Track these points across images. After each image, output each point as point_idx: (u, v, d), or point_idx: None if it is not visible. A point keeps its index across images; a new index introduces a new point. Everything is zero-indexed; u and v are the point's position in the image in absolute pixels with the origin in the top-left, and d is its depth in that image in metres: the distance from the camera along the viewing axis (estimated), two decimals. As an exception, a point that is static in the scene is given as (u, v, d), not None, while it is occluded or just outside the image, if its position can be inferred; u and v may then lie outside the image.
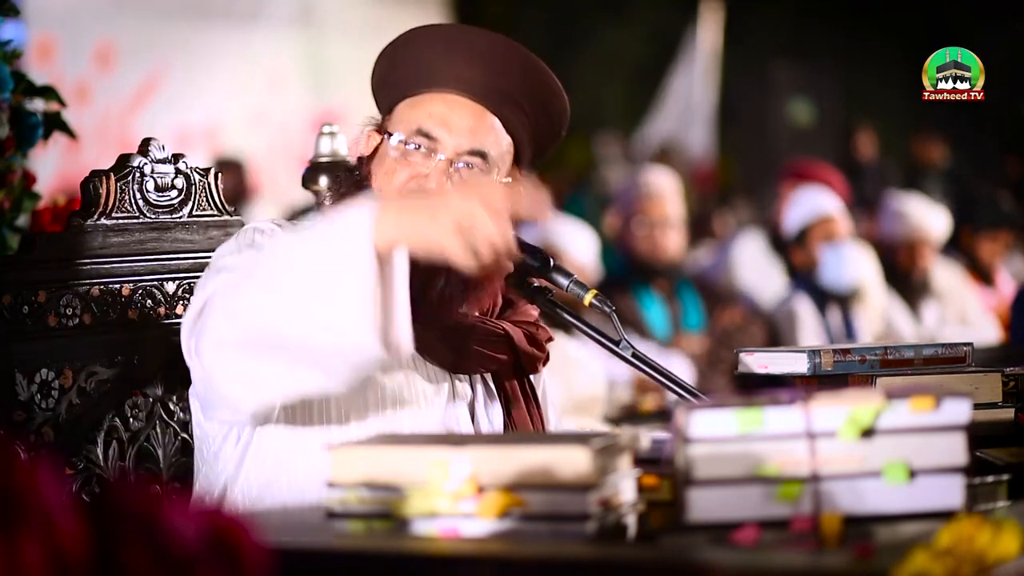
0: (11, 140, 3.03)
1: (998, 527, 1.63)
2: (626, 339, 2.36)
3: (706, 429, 1.82)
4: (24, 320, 2.38)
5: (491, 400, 2.40)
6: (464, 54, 2.38)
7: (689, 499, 1.82)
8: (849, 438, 1.81)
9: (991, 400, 2.28)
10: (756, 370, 2.35)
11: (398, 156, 2.37)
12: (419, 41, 2.43)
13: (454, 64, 2.38)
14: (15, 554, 1.29)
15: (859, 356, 2.33)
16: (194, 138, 9.57)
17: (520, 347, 2.38)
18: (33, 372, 2.39)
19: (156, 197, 2.53)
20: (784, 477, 1.81)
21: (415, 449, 1.89)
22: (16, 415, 2.35)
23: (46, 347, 2.41)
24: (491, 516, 1.79)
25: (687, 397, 2.31)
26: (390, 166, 2.37)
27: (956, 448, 1.83)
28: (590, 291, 2.36)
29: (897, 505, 1.82)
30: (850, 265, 6.02)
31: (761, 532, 1.78)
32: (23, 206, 3.11)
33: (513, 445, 1.87)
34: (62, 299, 2.42)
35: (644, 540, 1.86)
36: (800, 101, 14.56)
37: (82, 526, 1.34)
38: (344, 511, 1.84)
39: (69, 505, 1.34)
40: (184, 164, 2.57)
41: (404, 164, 2.36)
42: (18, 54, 3.08)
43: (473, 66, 2.38)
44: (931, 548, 1.61)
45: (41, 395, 2.39)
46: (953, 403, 1.83)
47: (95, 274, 2.47)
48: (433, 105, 2.38)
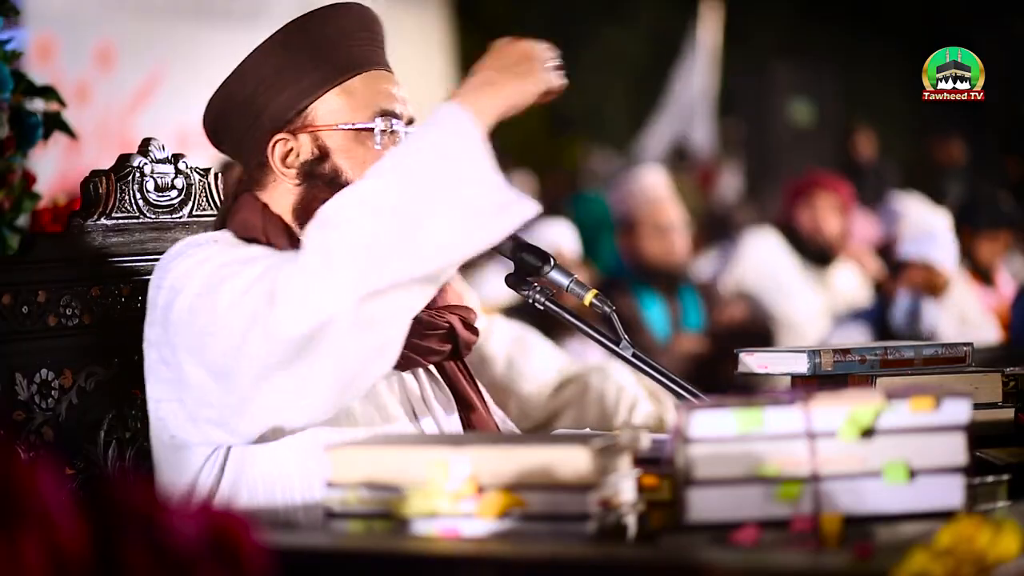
0: (11, 140, 3.03)
1: (998, 527, 1.63)
2: (626, 339, 2.36)
3: (706, 429, 1.82)
4: (24, 320, 2.38)
5: (438, 388, 2.39)
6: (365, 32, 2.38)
7: (689, 499, 1.82)
8: (849, 438, 1.81)
9: (991, 400, 2.28)
10: (756, 370, 2.35)
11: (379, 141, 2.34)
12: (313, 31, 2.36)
13: (362, 43, 2.37)
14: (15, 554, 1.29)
15: (859, 356, 2.33)
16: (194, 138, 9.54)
17: (460, 336, 2.39)
18: (33, 372, 2.39)
19: (156, 197, 2.53)
20: (784, 477, 1.81)
21: (415, 449, 1.89)
22: (16, 415, 2.35)
23: (46, 347, 2.41)
24: (491, 516, 1.79)
25: (687, 397, 2.31)
26: (371, 154, 2.33)
27: (956, 448, 1.83)
28: (590, 291, 2.36)
29: (897, 505, 1.82)
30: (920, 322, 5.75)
31: (761, 532, 1.78)
32: (23, 206, 3.11)
33: (513, 445, 1.87)
34: (62, 299, 2.43)
35: (644, 540, 1.86)
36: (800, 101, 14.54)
37: (82, 526, 1.34)
38: (344, 511, 1.84)
39: (69, 505, 1.34)
40: (184, 164, 2.57)
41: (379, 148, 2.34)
42: (18, 54, 3.08)
43: (374, 39, 2.39)
44: (931, 548, 1.61)
45: (41, 395, 2.39)
46: (953, 403, 1.83)
47: (95, 274, 2.47)
48: (379, 84, 2.37)
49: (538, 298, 2.38)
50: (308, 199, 2.33)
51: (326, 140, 2.35)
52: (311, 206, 2.29)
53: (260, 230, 2.31)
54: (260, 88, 2.35)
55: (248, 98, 2.35)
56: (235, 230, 2.34)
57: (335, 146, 2.34)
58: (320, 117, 2.34)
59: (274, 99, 2.35)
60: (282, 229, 2.32)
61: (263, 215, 2.33)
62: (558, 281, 2.37)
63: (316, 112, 2.35)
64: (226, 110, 2.38)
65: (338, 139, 2.34)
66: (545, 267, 2.37)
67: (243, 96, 2.36)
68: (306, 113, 2.35)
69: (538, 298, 2.38)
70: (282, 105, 2.35)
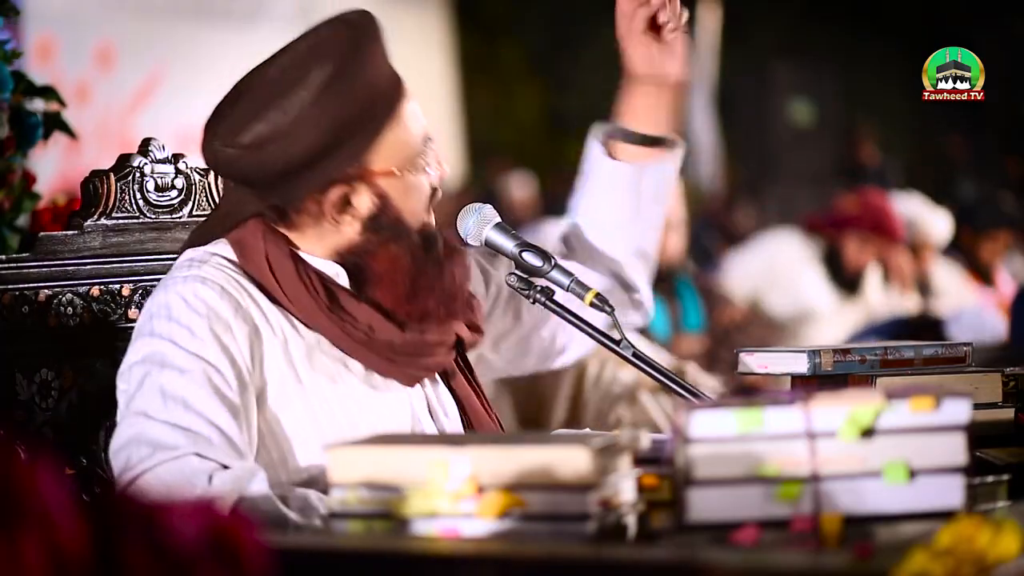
0: (11, 140, 3.03)
1: (998, 527, 1.63)
2: (627, 339, 2.36)
3: (706, 429, 1.82)
4: (24, 320, 2.38)
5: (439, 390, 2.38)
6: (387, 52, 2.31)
7: (689, 499, 1.82)
8: (849, 438, 1.81)
9: (991, 400, 2.28)
10: (756, 370, 2.35)
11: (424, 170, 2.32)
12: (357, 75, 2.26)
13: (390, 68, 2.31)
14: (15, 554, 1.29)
15: (859, 356, 2.33)
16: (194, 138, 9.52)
17: (466, 340, 2.38)
18: (33, 372, 2.39)
19: (156, 197, 2.53)
20: (784, 477, 1.81)
21: (415, 449, 1.89)
22: (16, 415, 2.35)
23: (46, 347, 2.41)
24: (491, 516, 1.79)
25: (687, 397, 2.31)
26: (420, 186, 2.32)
27: (956, 448, 1.83)
28: (590, 291, 2.36)
29: (897, 505, 1.82)
30: None
31: (761, 532, 1.78)
32: (23, 206, 3.11)
33: (513, 445, 1.87)
34: (62, 299, 2.43)
35: (644, 540, 1.86)
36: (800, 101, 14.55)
37: (82, 526, 1.34)
38: (344, 511, 1.84)
39: (69, 505, 1.34)
40: (184, 164, 2.57)
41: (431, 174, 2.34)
42: (18, 54, 3.08)
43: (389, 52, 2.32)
44: (931, 548, 1.61)
45: (41, 395, 2.39)
46: (953, 403, 1.83)
47: (95, 274, 2.47)
48: (411, 109, 2.32)
49: (539, 298, 2.38)
50: (368, 247, 2.29)
51: (384, 187, 2.28)
52: (371, 254, 2.28)
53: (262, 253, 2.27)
54: (316, 151, 2.22)
55: (303, 162, 2.23)
56: (235, 246, 2.30)
57: (393, 189, 2.28)
58: (377, 162, 2.27)
59: (337, 155, 2.24)
60: (287, 254, 2.28)
61: (268, 243, 2.28)
62: (558, 281, 2.37)
63: (373, 157, 2.27)
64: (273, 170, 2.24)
65: (396, 183, 2.29)
66: (545, 266, 2.38)
67: (296, 159, 2.23)
68: (363, 160, 2.27)
69: (539, 298, 2.38)
70: (345, 159, 2.25)
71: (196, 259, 2.29)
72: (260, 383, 2.23)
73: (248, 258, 2.28)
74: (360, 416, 2.27)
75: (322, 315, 2.26)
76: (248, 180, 2.29)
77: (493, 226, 2.42)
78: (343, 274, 2.31)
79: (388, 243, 2.29)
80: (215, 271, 2.26)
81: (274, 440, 2.24)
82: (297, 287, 2.26)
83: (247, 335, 2.23)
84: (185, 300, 2.22)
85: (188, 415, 2.16)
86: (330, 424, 2.24)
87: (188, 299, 2.22)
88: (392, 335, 2.28)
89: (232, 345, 2.21)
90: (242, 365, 2.21)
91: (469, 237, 2.42)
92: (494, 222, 2.42)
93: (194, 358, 2.19)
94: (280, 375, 2.24)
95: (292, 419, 2.25)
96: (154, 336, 2.21)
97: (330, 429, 2.23)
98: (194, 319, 2.21)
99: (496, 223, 2.42)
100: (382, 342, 2.28)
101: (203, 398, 2.17)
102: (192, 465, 2.13)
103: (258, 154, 2.23)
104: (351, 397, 2.28)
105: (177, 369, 2.18)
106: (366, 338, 2.27)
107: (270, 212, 2.29)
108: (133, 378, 2.20)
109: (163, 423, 2.15)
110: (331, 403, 2.26)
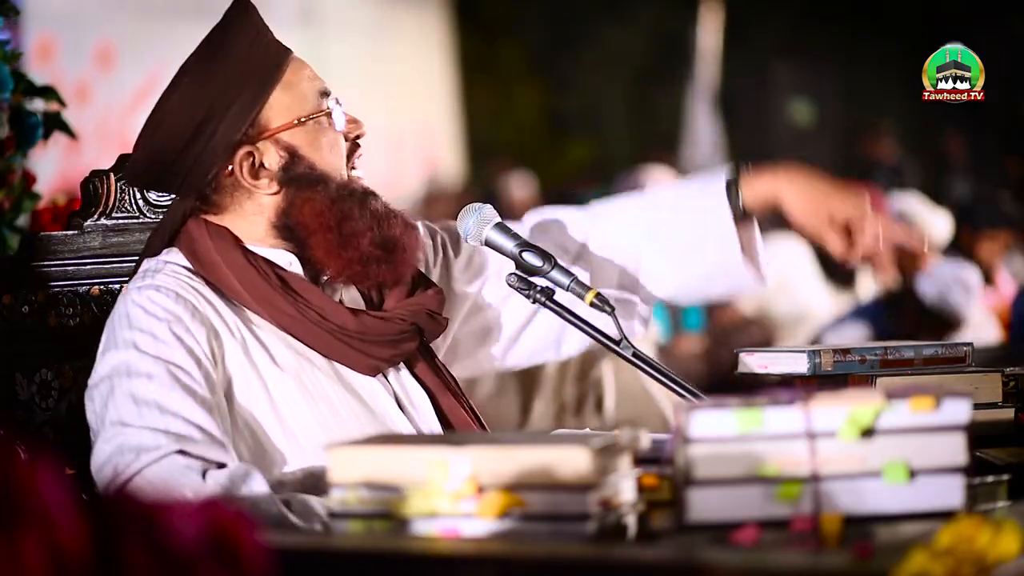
0: (11, 140, 3.03)
1: (998, 527, 1.63)
2: (626, 339, 2.36)
3: (706, 429, 1.82)
4: (24, 320, 2.38)
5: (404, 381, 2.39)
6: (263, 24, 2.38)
7: (689, 499, 1.82)
8: (849, 438, 1.81)
9: (991, 400, 2.28)
10: (756, 370, 2.35)
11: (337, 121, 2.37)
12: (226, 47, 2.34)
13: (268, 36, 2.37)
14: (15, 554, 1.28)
15: (859, 356, 2.33)
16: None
17: (427, 330, 2.39)
18: (33, 372, 2.39)
19: (156, 197, 2.53)
20: (784, 477, 1.81)
21: (415, 449, 1.89)
22: (16, 415, 2.35)
23: (46, 347, 2.41)
24: (491, 516, 1.79)
25: (687, 397, 2.31)
26: (333, 137, 2.36)
27: (956, 448, 1.83)
28: (590, 291, 2.36)
29: (897, 505, 1.82)
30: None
31: (761, 532, 1.78)
32: (23, 206, 3.11)
33: (513, 445, 1.87)
34: (62, 299, 2.43)
35: (644, 540, 1.86)
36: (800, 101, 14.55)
37: (82, 526, 1.34)
38: (344, 511, 1.84)
39: (69, 505, 1.34)
40: (184, 164, 2.56)
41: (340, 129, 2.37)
42: (18, 54, 3.08)
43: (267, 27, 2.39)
44: (931, 548, 1.61)
45: (41, 395, 2.39)
46: (953, 403, 1.83)
47: (95, 274, 2.47)
48: (303, 69, 2.37)
49: (539, 298, 2.38)
50: (291, 202, 2.32)
51: (289, 139, 2.33)
52: (296, 208, 2.31)
53: (213, 250, 2.31)
54: (202, 121, 2.30)
55: (191, 136, 2.30)
56: (185, 251, 2.33)
57: (299, 142, 2.33)
58: (274, 119, 2.33)
59: (221, 123, 2.30)
60: (233, 245, 2.32)
61: (214, 240, 2.32)
62: (559, 281, 2.37)
63: (267, 117, 2.33)
64: (166, 156, 2.32)
65: (299, 134, 2.33)
66: (546, 266, 2.38)
67: (182, 136, 2.30)
68: (258, 122, 2.32)
69: (539, 298, 2.38)
70: (232, 125, 2.31)
71: (150, 269, 2.32)
72: (225, 381, 2.26)
73: (198, 258, 2.31)
74: (326, 410, 2.28)
75: (277, 296, 2.29)
76: (158, 176, 2.37)
77: (493, 226, 2.42)
78: (296, 262, 2.34)
79: (305, 191, 2.32)
80: (168, 278, 2.29)
81: (243, 439, 2.25)
82: (248, 272, 2.29)
83: (206, 336, 2.25)
84: (143, 308, 2.24)
85: (164, 417, 2.17)
86: (296, 421, 2.25)
87: (146, 306, 2.24)
88: (345, 320, 2.30)
89: (195, 346, 2.23)
90: (207, 365, 2.23)
91: (469, 237, 2.43)
92: (494, 222, 2.42)
93: (160, 362, 2.21)
94: (243, 374, 2.26)
95: (259, 417, 2.26)
96: (118, 348, 2.23)
97: (297, 426, 2.25)
98: (154, 324, 2.23)
99: (496, 223, 2.42)
100: (335, 326, 2.30)
101: (176, 400, 2.18)
102: (178, 463, 2.13)
103: (151, 144, 2.33)
104: (317, 392, 2.29)
105: (144, 375, 2.20)
106: (319, 319, 2.29)
107: (196, 203, 2.34)
108: (102, 391, 2.22)
109: (141, 428, 2.17)
110: (296, 400, 2.27)
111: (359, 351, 2.32)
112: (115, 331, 2.25)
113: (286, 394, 2.27)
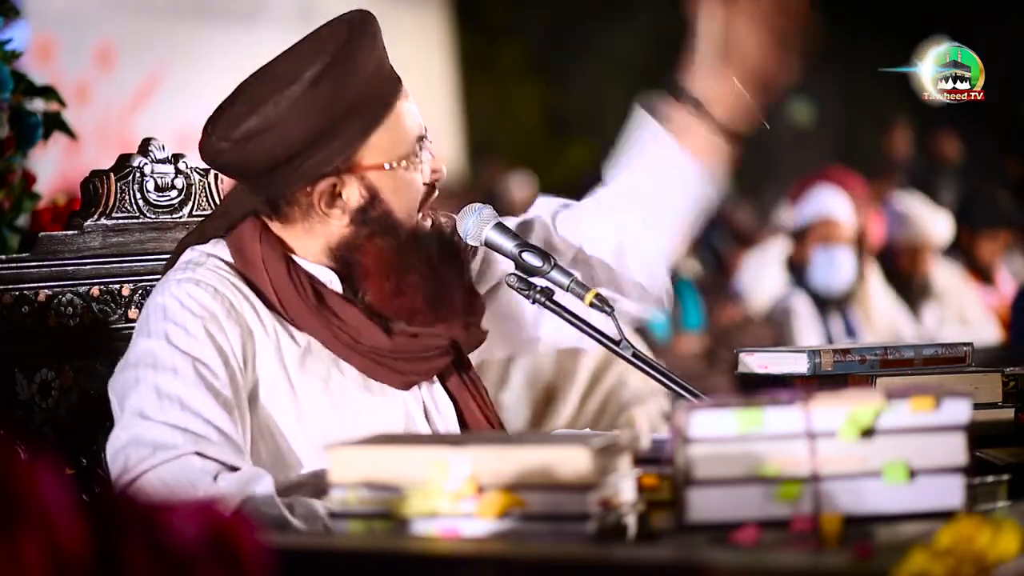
0: (11, 140, 3.04)
1: (998, 527, 1.63)
2: (626, 339, 2.36)
3: (706, 429, 1.82)
4: (24, 320, 2.38)
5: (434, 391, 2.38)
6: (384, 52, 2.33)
7: (689, 499, 1.82)
8: (849, 438, 1.81)
9: (991, 400, 2.28)
10: (756, 370, 2.35)
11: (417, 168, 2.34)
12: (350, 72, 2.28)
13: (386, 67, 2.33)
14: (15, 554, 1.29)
15: (859, 356, 2.33)
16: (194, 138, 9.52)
17: (464, 344, 2.38)
18: (33, 372, 2.39)
19: (156, 197, 2.53)
20: (784, 477, 1.81)
21: (415, 449, 1.89)
22: (16, 415, 2.35)
23: (46, 347, 2.41)
24: (491, 516, 1.79)
25: (687, 397, 2.31)
26: (414, 187, 2.34)
27: (956, 448, 1.83)
28: (590, 291, 2.36)
29: (897, 505, 1.82)
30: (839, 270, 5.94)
31: (761, 532, 1.78)
32: (23, 206, 3.12)
33: (513, 445, 1.87)
34: (62, 299, 2.43)
35: (644, 540, 1.86)
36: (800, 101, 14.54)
37: (82, 526, 1.34)
38: (344, 511, 1.84)
39: (69, 505, 1.34)
40: (184, 164, 2.57)
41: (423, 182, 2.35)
42: (18, 54, 3.08)
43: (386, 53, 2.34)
44: (931, 548, 1.61)
45: (41, 395, 2.39)
46: (953, 403, 1.83)
47: (95, 274, 2.47)
48: (408, 109, 2.34)
49: (539, 298, 2.38)
50: (358, 241, 2.30)
51: (374, 180, 2.30)
52: (361, 249, 2.30)
53: (258, 255, 2.30)
54: (313, 140, 2.26)
55: (297, 151, 2.26)
56: (232, 248, 2.33)
57: (383, 185, 2.31)
58: (367, 158, 2.30)
59: (325, 149, 2.27)
60: (280, 256, 2.30)
61: (263, 246, 2.31)
62: (559, 281, 2.37)
63: (362, 154, 2.29)
64: (264, 158, 2.27)
65: (385, 177, 2.31)
66: (546, 266, 2.38)
67: (289, 146, 2.25)
68: (351, 157, 2.29)
69: (539, 298, 2.38)
70: (333, 152, 2.27)
71: (192, 261, 2.31)
72: (252, 382, 2.25)
73: (244, 259, 2.31)
74: (352, 418, 2.28)
75: (311, 316, 2.28)
76: (241, 172, 2.34)
77: (493, 226, 2.42)
78: (336, 281, 2.33)
79: (376, 237, 2.30)
80: (209, 273, 2.28)
81: (263, 441, 2.25)
82: (287, 288, 2.29)
83: (240, 335, 2.25)
84: (180, 301, 2.24)
85: (185, 415, 2.17)
86: (320, 427, 2.25)
87: (183, 300, 2.24)
88: (379, 340, 2.29)
89: (226, 345, 2.23)
90: (235, 365, 2.23)
91: (469, 237, 2.43)
92: (494, 222, 2.42)
93: (188, 358, 2.21)
94: (272, 376, 2.26)
95: (282, 421, 2.26)
96: (150, 336, 2.23)
97: (320, 432, 2.24)
98: (188, 319, 2.23)
99: (496, 223, 2.42)
100: (368, 347, 2.29)
101: (199, 398, 2.18)
102: (194, 465, 2.13)
103: (248, 146, 2.27)
104: (343, 399, 2.28)
105: (171, 369, 2.20)
106: (352, 341, 2.29)
107: (263, 207, 2.32)
108: (128, 378, 2.21)
109: (161, 423, 2.16)
110: (322, 406, 2.27)
111: (392, 370, 2.31)
112: (149, 319, 2.25)
113: (312, 398, 2.27)
